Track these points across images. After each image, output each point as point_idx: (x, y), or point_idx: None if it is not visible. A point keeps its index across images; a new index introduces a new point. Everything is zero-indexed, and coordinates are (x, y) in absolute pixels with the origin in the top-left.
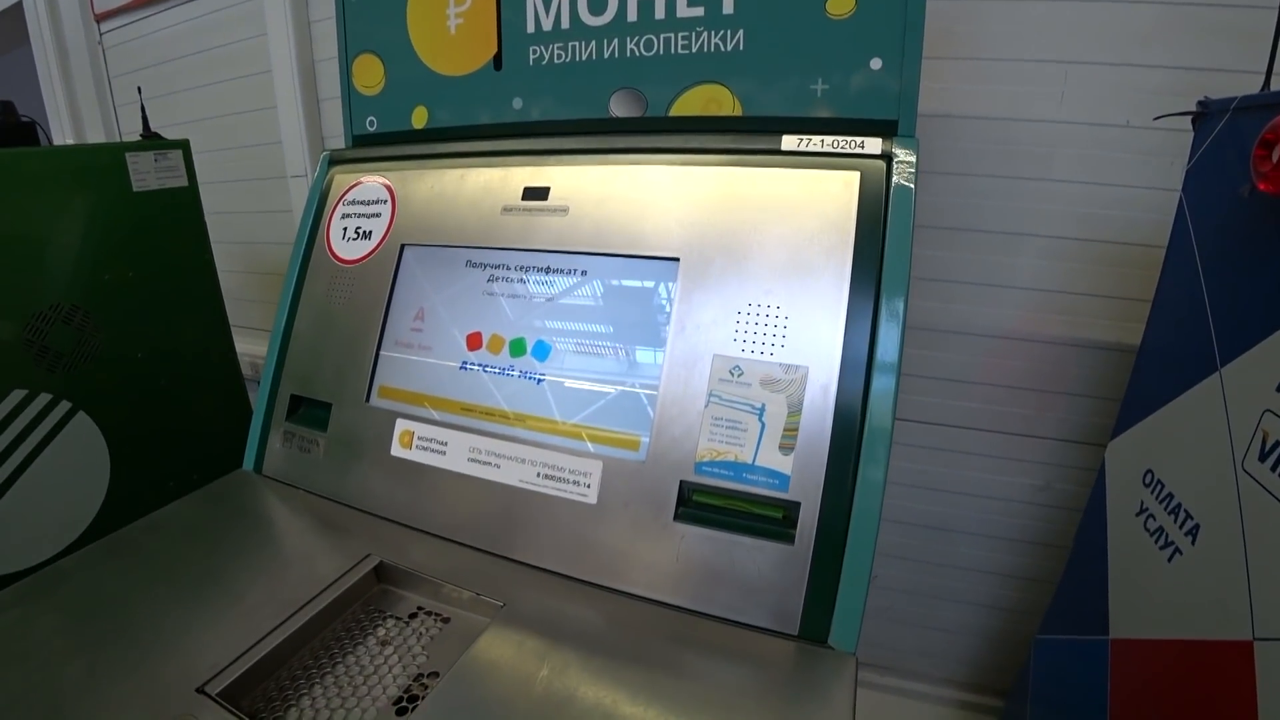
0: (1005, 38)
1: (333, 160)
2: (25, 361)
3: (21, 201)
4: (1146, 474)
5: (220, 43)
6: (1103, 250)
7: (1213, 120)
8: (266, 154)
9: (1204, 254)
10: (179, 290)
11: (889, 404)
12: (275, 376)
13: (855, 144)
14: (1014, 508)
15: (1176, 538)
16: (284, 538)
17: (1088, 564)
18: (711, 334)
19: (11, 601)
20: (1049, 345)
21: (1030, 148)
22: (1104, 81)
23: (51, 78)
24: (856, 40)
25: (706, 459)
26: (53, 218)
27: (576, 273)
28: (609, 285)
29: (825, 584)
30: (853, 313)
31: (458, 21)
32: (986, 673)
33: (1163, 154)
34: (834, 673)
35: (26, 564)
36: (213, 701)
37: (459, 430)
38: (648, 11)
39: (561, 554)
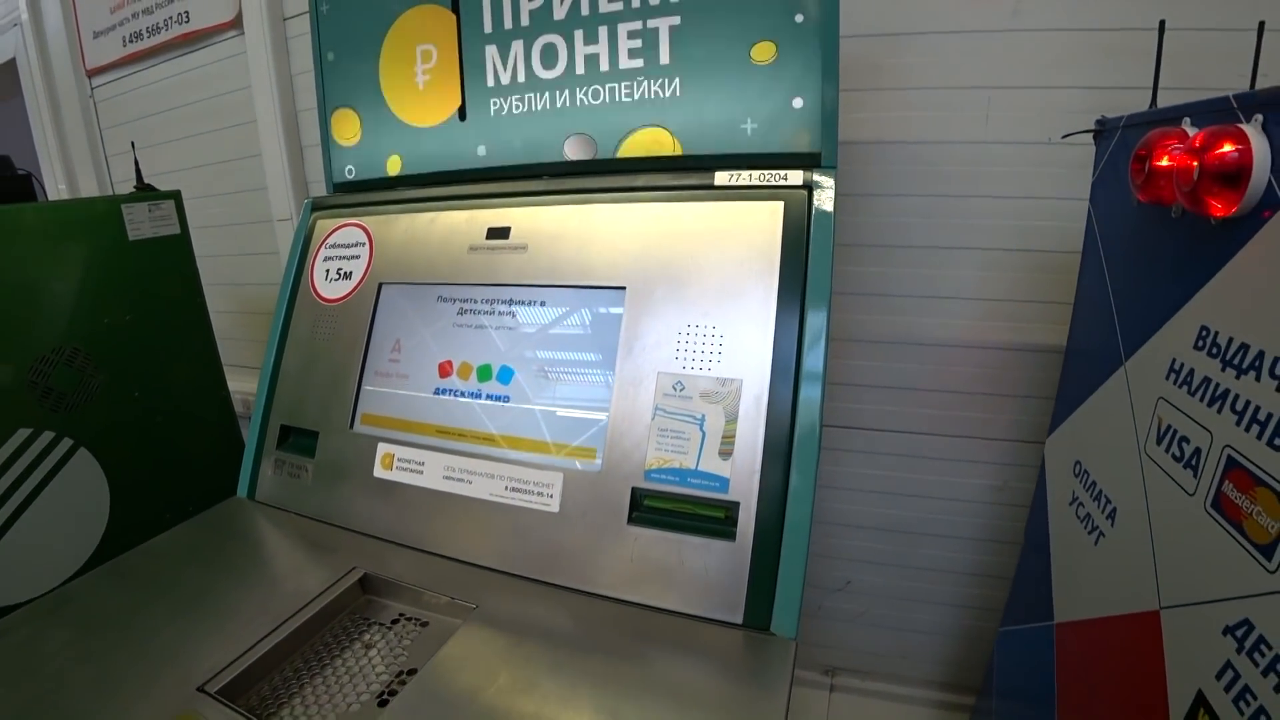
0: (930, 68)
1: (315, 206)
2: (30, 402)
3: (26, 252)
4: (1076, 465)
5: (206, 95)
6: (1036, 259)
7: (1108, 137)
8: (252, 200)
9: (1108, 258)
10: (173, 332)
11: (816, 407)
12: (266, 409)
13: (779, 177)
14: (976, 508)
15: (1100, 522)
16: (275, 556)
17: (1035, 555)
18: (656, 354)
19: (23, 621)
20: (994, 351)
21: (960, 167)
22: (1025, 103)
23: (45, 129)
24: (779, 83)
25: (655, 466)
26: (55, 266)
27: (536, 303)
28: (564, 313)
29: (765, 576)
30: (780, 327)
31: (425, 77)
32: (963, 670)
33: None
34: (776, 657)
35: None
36: (212, 699)
37: (435, 451)
38: (594, 64)
39: (528, 559)
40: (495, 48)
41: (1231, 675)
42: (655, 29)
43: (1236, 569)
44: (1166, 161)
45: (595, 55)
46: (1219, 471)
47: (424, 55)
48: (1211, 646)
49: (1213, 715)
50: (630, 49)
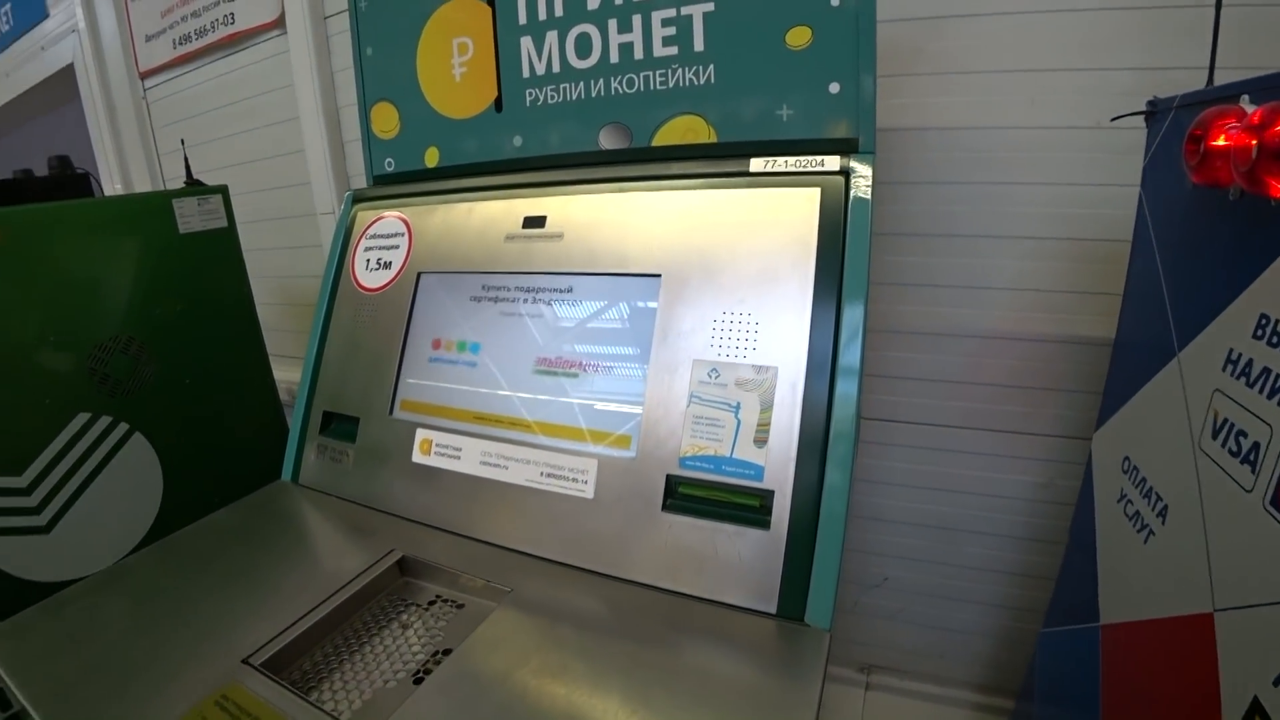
0: (974, 51)
1: (356, 198)
2: (89, 387)
3: (85, 246)
4: (1124, 460)
5: (251, 94)
6: (1082, 248)
7: (1161, 118)
8: (296, 194)
9: (1160, 245)
10: (221, 322)
11: (853, 396)
12: (309, 395)
13: (816, 163)
14: (1018, 505)
15: (1150, 520)
16: (317, 537)
17: (1080, 554)
18: (691, 341)
19: (84, 592)
20: (1038, 343)
21: (1004, 154)
22: (1072, 86)
23: (101, 130)
24: (815, 68)
25: (689, 454)
26: (112, 259)
27: (571, 291)
28: (599, 301)
29: (800, 566)
30: (816, 315)
31: (462, 70)
32: (1002, 673)
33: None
34: (810, 648)
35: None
36: (256, 671)
37: (472, 437)
38: (628, 53)
39: (563, 545)
40: (530, 39)
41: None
42: (689, 16)
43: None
44: (1223, 141)
45: (629, 44)
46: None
47: (460, 48)
48: (1269, 651)
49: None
50: (664, 37)
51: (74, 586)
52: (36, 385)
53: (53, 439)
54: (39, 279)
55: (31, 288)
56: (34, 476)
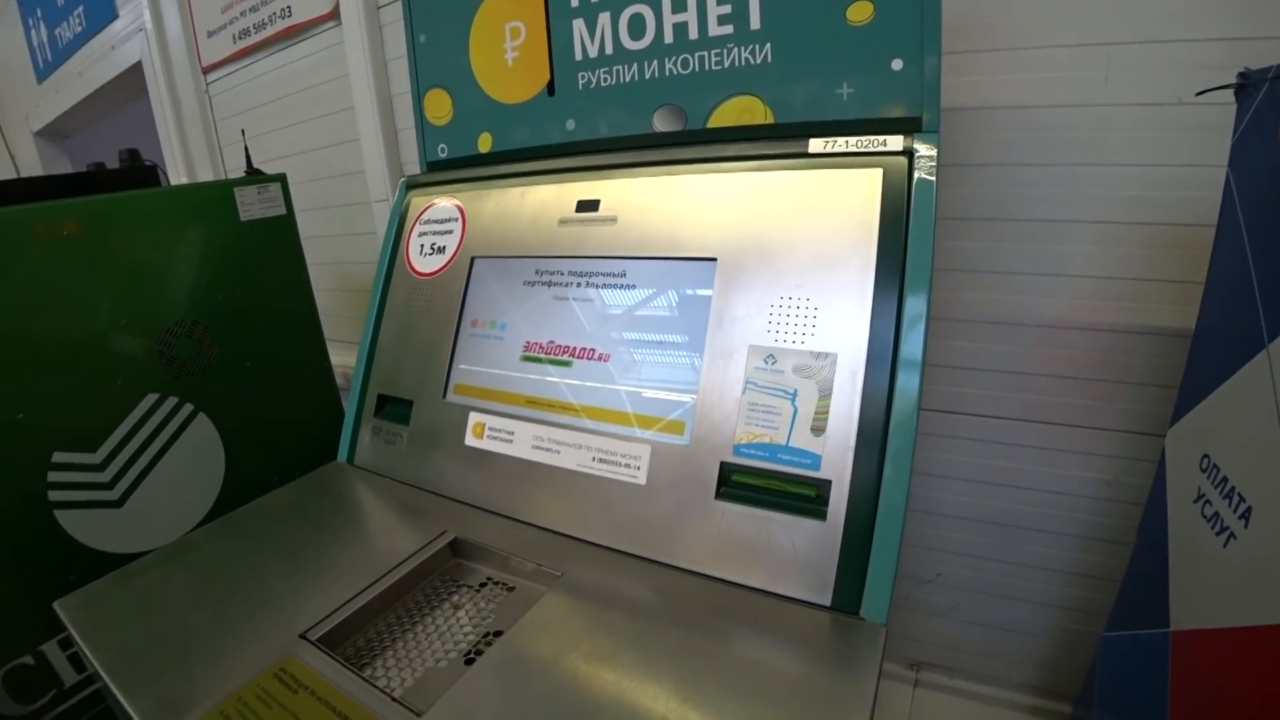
0: (1044, 26)
1: (410, 185)
2: (157, 369)
3: (153, 234)
4: (1203, 459)
5: (307, 85)
6: (1157, 233)
7: (1253, 91)
8: (351, 182)
9: (1250, 229)
10: (280, 307)
11: (914, 386)
12: (364, 379)
13: (878, 143)
14: (1081, 503)
15: (1231, 522)
16: (371, 518)
17: (1149, 556)
18: (747, 326)
19: (152, 564)
20: (1106, 333)
21: (1075, 133)
22: (1151, 60)
23: (167, 124)
24: (877, 44)
25: (744, 441)
26: (177, 247)
27: (625, 275)
28: (654, 285)
29: (856, 558)
30: (878, 301)
31: (514, 54)
32: (1058, 675)
33: (1216, 129)
34: (864, 642)
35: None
36: (312, 645)
37: (525, 421)
38: (682, 33)
39: (614, 530)
40: (583, 21)
41: None
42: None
43: None
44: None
45: (684, 24)
46: None
47: (512, 32)
48: None
49: None
50: (719, 15)
51: (142, 559)
52: (109, 367)
53: (124, 418)
54: (112, 266)
55: (105, 275)
56: (107, 453)
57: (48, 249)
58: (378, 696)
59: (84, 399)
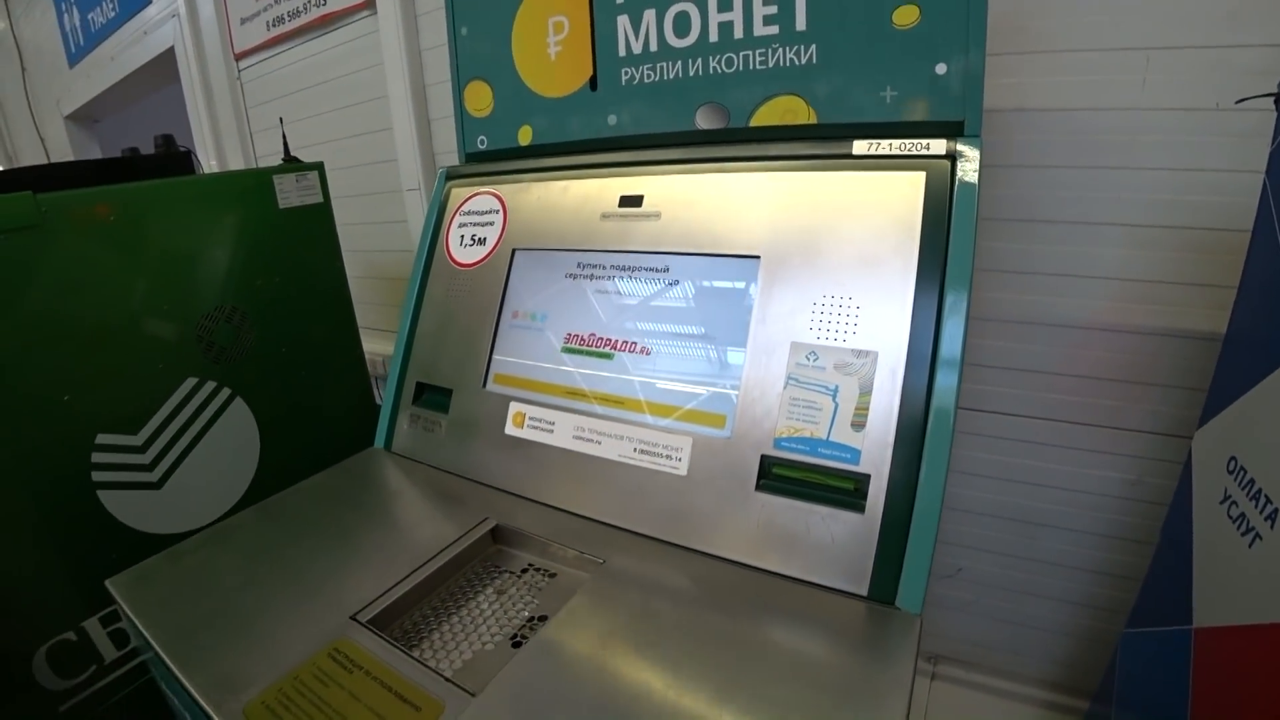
0: (1082, 28)
1: (449, 175)
2: (196, 354)
3: (195, 220)
4: (1230, 461)
5: (341, 73)
6: (1190, 237)
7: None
8: (383, 171)
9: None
10: (315, 293)
11: (953, 385)
12: (403, 366)
13: (921, 146)
14: (1104, 502)
15: (1257, 523)
16: (412, 504)
17: (1173, 554)
18: (790, 323)
19: (199, 545)
20: (1135, 335)
21: (1111, 136)
22: (1189, 64)
23: (199, 110)
24: (922, 48)
25: (785, 435)
26: (217, 233)
27: (669, 270)
28: (697, 281)
29: (893, 550)
30: (919, 301)
31: (557, 49)
32: (1076, 672)
33: (1253, 136)
34: (899, 631)
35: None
36: (363, 627)
37: (565, 412)
38: (728, 32)
39: (654, 520)
40: (627, 17)
41: None
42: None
43: None
44: None
45: (729, 23)
46: None
47: (555, 27)
48: None
49: None
50: (765, 15)
51: (188, 540)
52: (151, 350)
53: (164, 401)
54: (155, 252)
55: (148, 260)
56: (148, 435)
57: (92, 234)
58: (431, 676)
59: (126, 382)
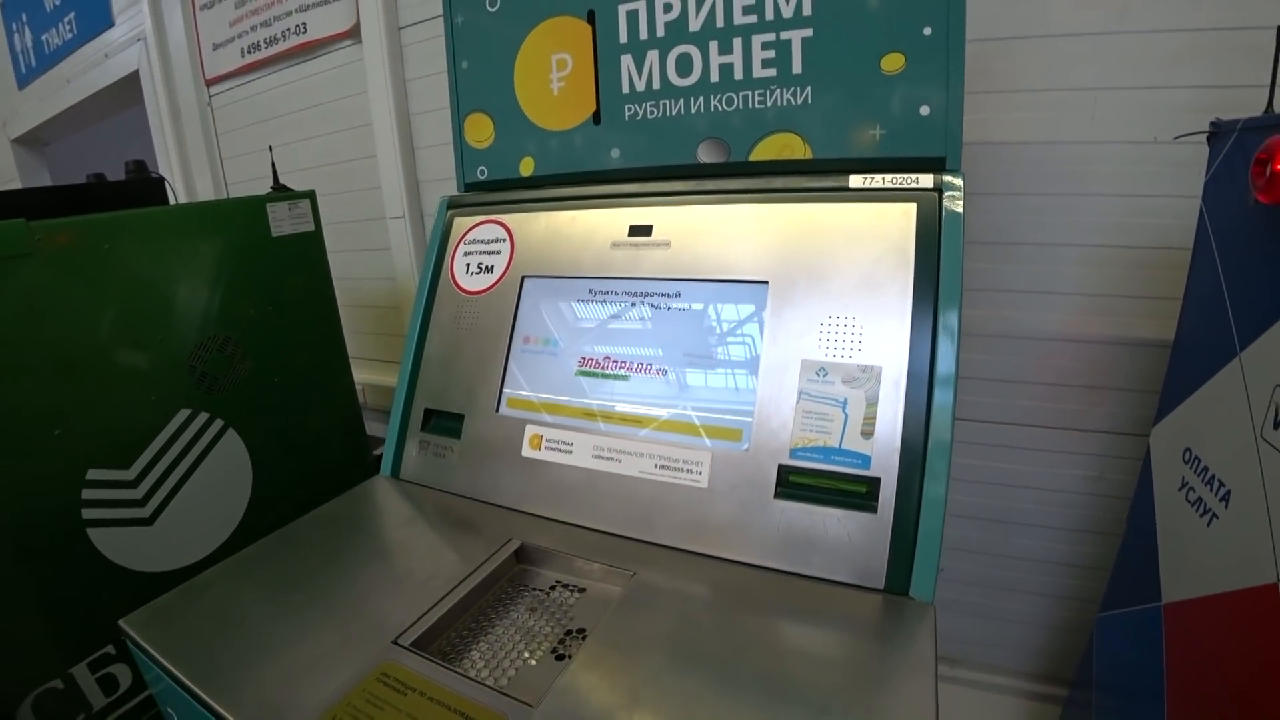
0: (1038, 70)
1: (450, 204)
2: (190, 385)
3: (188, 248)
4: (1185, 452)
5: (319, 101)
6: (1139, 255)
7: (1223, 139)
8: (365, 199)
9: (1222, 254)
10: (308, 322)
11: (950, 392)
12: (409, 393)
13: (911, 180)
14: (1072, 499)
15: (1213, 504)
16: (432, 528)
17: (1139, 540)
18: (799, 342)
19: (216, 579)
20: (1094, 345)
21: (1066, 166)
22: (1131, 103)
23: (165, 135)
24: (907, 92)
25: (800, 445)
26: (212, 260)
27: (680, 296)
28: (709, 305)
29: (904, 545)
30: (916, 319)
31: (560, 84)
32: (1055, 661)
33: (1188, 165)
34: (917, 618)
35: (185, 562)
36: (408, 650)
37: (584, 433)
38: (728, 73)
39: (679, 532)
40: (630, 57)
41: None
42: (788, 40)
43: None
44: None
45: (729, 64)
46: None
47: (559, 64)
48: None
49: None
50: (764, 59)
51: (203, 575)
52: (144, 383)
53: (157, 434)
54: (147, 281)
55: (140, 290)
56: (140, 470)
57: (84, 263)
58: (485, 691)
59: (119, 415)
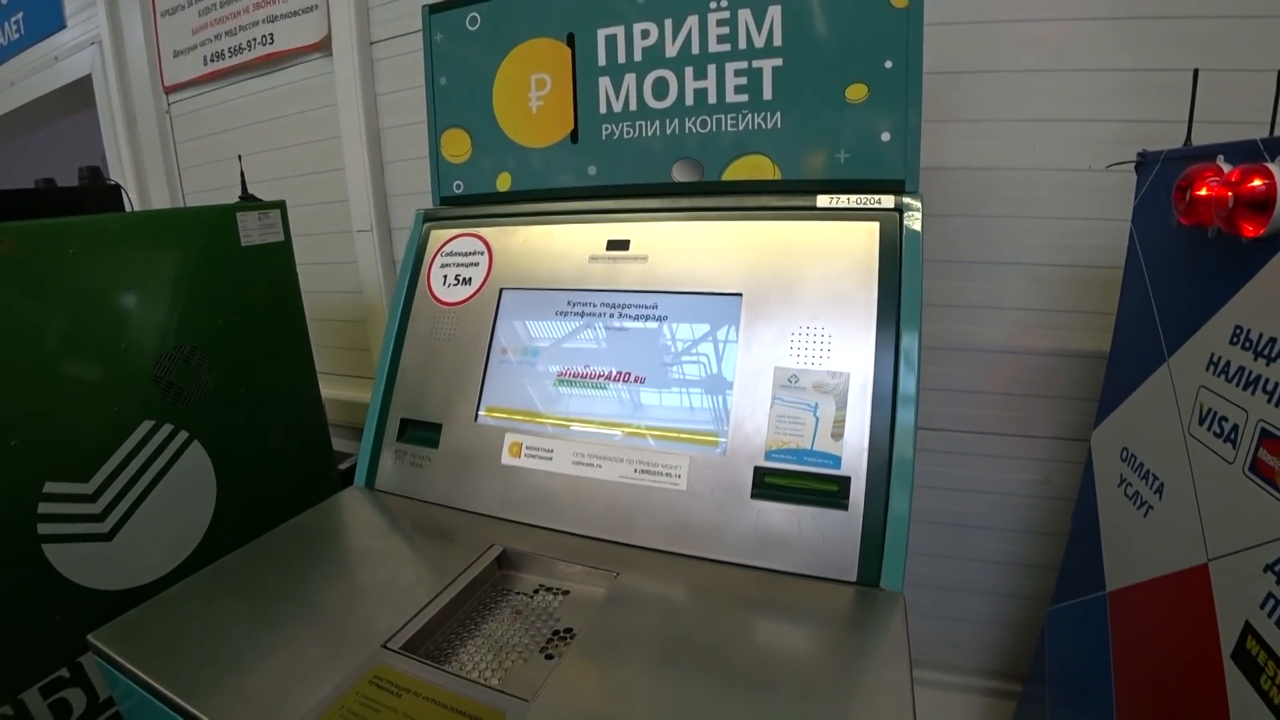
0: (985, 102)
1: (427, 217)
2: (154, 395)
3: (155, 256)
4: (1123, 451)
5: (288, 113)
6: (1076, 273)
7: (1149, 168)
8: (331, 211)
9: (1150, 271)
10: (275, 334)
11: (912, 394)
12: (384, 403)
13: (875, 200)
14: (1019, 501)
15: (1148, 496)
16: (412, 536)
17: (1084, 535)
18: (772, 351)
19: (189, 592)
20: (1038, 356)
21: (1010, 191)
22: (1068, 134)
23: (118, 142)
24: (870, 119)
25: (774, 448)
26: (178, 269)
27: (657, 307)
28: (685, 316)
29: (874, 540)
30: (881, 328)
31: (539, 103)
32: (1008, 659)
33: (1119, 191)
34: (888, 606)
35: (146, 580)
36: (397, 653)
37: (563, 439)
38: (702, 98)
39: (659, 534)
40: (609, 79)
41: (1273, 603)
42: (760, 69)
43: (1273, 517)
44: (1205, 191)
45: (704, 89)
46: (1254, 441)
47: (538, 83)
48: (1255, 583)
49: (1259, 639)
50: (736, 85)
51: (175, 588)
52: (106, 392)
53: (118, 446)
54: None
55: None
56: (100, 484)
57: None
58: (480, 689)
59: (78, 426)
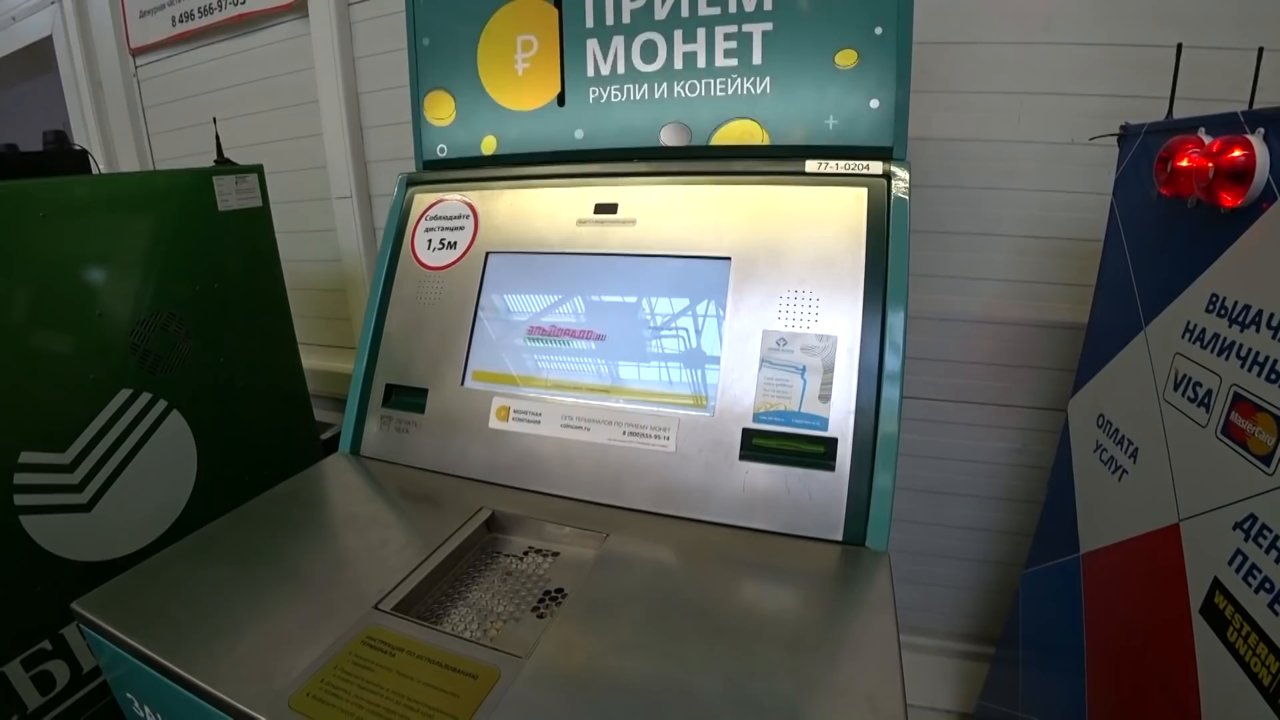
0: (971, 74)
1: (410, 182)
2: (131, 364)
3: (129, 221)
4: (1099, 418)
5: (262, 76)
6: (1057, 245)
7: (1131, 140)
8: (309, 178)
9: (1130, 241)
10: (254, 301)
11: (898, 357)
12: (368, 369)
13: (863, 166)
14: (996, 469)
15: (1123, 461)
16: (399, 501)
17: (1059, 500)
18: (760, 314)
19: (175, 558)
20: (1017, 327)
21: (993, 163)
22: (1052, 108)
23: (83, 107)
24: (859, 86)
25: (763, 410)
26: (154, 234)
27: (648, 271)
28: (674, 279)
29: (859, 500)
30: (868, 293)
31: (525, 65)
32: (982, 622)
33: (1100, 165)
34: (874, 564)
35: (127, 550)
36: (389, 614)
37: (551, 402)
38: (691, 61)
39: (649, 496)
40: (596, 41)
41: (1241, 559)
42: (750, 33)
43: (1242, 477)
44: (1186, 163)
45: (693, 53)
46: (1227, 405)
47: (524, 45)
48: (1223, 541)
49: (1226, 594)
50: (726, 49)
51: (159, 555)
52: (82, 360)
53: (96, 415)
54: (85, 253)
55: (77, 262)
56: (77, 453)
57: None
58: (474, 647)
59: (55, 394)
